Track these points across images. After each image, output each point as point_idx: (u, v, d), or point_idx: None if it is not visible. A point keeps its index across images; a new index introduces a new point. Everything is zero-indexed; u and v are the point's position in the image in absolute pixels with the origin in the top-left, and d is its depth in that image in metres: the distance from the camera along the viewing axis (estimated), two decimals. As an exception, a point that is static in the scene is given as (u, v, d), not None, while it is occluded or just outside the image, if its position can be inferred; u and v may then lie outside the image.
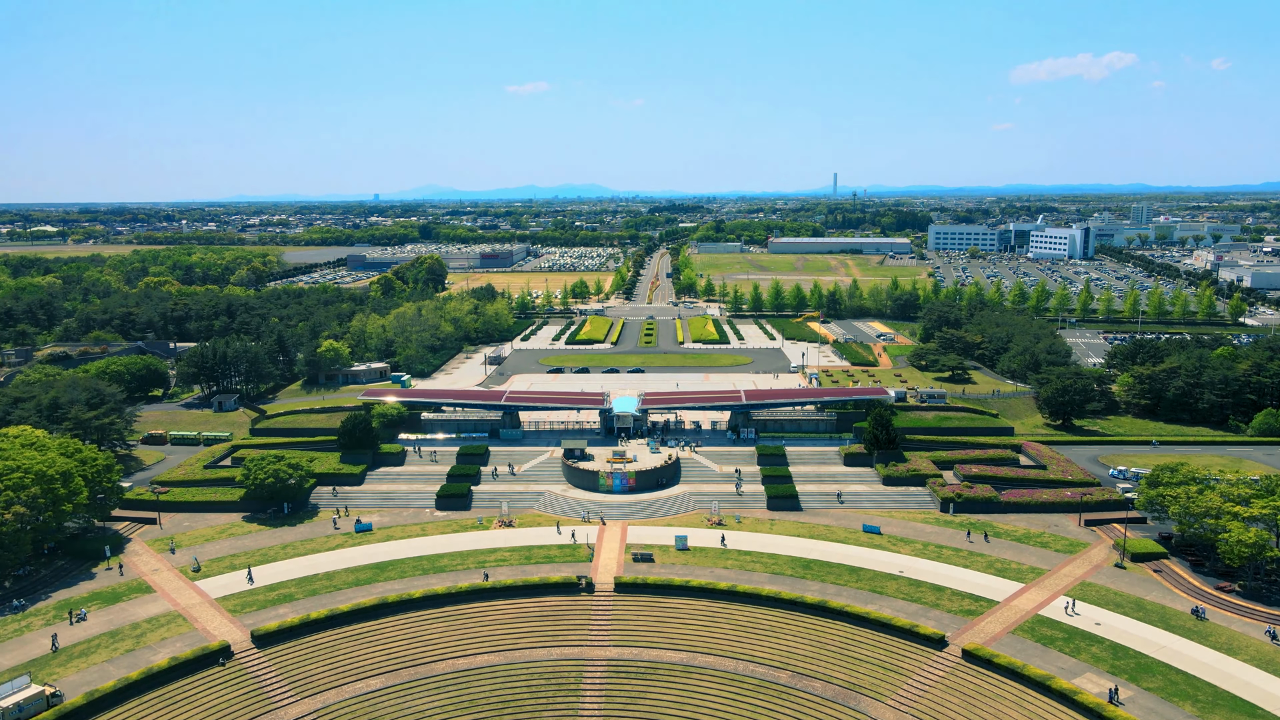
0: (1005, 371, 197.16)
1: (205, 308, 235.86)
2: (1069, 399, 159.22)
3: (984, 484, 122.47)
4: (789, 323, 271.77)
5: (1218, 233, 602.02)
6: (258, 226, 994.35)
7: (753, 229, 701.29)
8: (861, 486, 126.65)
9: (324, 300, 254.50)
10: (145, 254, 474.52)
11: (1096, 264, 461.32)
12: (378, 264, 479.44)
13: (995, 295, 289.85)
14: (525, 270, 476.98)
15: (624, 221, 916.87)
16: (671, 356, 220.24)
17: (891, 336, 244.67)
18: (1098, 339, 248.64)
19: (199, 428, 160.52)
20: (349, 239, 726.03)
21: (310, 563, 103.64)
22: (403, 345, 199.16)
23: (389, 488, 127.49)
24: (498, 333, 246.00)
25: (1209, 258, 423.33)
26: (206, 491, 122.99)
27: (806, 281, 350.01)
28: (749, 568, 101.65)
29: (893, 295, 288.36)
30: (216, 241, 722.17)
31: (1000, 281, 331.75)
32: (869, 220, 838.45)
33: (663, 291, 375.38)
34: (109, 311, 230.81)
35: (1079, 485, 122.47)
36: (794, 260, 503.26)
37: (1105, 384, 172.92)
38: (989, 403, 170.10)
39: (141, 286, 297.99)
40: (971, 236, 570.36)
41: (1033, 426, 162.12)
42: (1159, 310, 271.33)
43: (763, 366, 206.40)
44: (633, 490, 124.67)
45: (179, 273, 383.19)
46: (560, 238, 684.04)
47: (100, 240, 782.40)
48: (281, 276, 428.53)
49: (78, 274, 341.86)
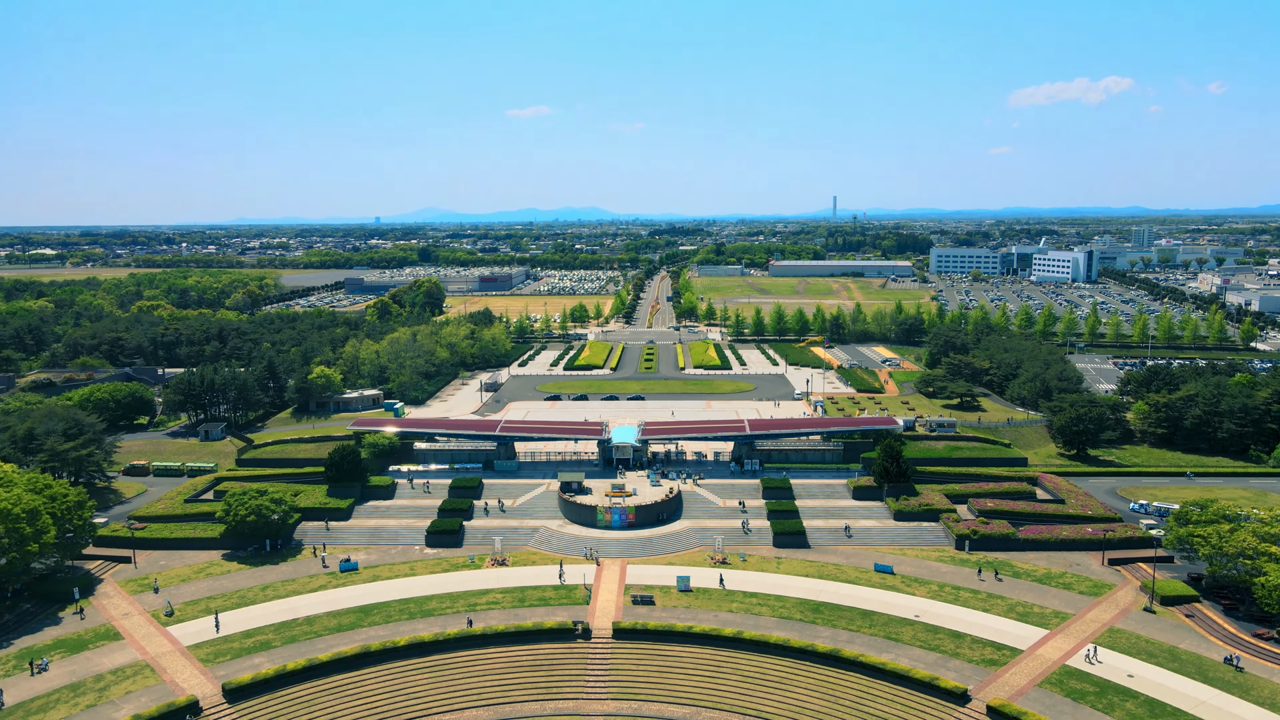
0: (1015, 398, 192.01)
1: (196, 332, 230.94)
2: (1083, 428, 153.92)
3: (1000, 519, 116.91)
4: (792, 347, 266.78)
5: (1221, 256, 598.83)
6: (257, 249, 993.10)
7: (753, 252, 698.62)
8: (872, 522, 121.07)
9: (318, 325, 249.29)
10: (141, 277, 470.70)
11: (1100, 287, 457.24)
12: (376, 287, 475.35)
13: (1001, 319, 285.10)
14: (524, 293, 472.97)
15: (624, 244, 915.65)
16: (672, 383, 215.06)
17: (897, 362, 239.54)
18: (1107, 364, 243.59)
19: (184, 458, 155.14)
20: (348, 262, 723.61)
21: (290, 606, 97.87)
22: (396, 372, 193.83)
23: (377, 523, 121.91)
24: (495, 358, 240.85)
25: (1215, 281, 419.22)
26: (185, 527, 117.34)
27: (809, 305, 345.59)
28: (755, 611, 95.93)
29: (897, 319, 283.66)
30: (215, 264, 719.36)
31: (1005, 305, 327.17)
32: (869, 243, 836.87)
33: (663, 315, 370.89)
34: (97, 337, 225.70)
35: (1100, 521, 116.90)
36: (795, 283, 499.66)
37: (1119, 412, 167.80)
38: (1000, 432, 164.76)
39: (134, 310, 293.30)
40: (973, 259, 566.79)
41: (1046, 457, 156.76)
42: (1168, 335, 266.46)
43: (766, 393, 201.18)
44: (632, 526, 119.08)
45: (174, 296, 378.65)
46: (560, 261, 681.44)
47: (99, 263, 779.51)
48: (278, 300, 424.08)
49: (70, 298, 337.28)
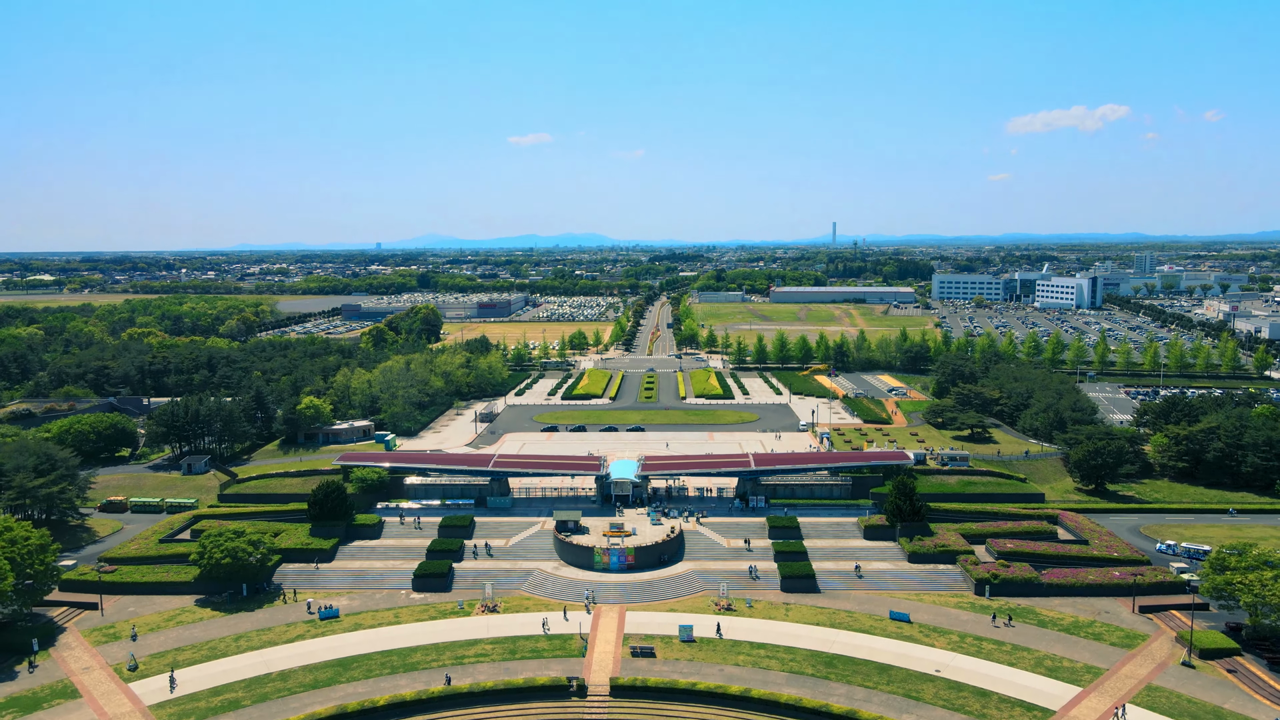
0: (1027, 429, 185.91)
1: (185, 361, 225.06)
2: (1102, 462, 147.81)
3: (1021, 562, 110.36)
4: (795, 376, 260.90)
5: (1225, 282, 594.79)
6: (257, 275, 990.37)
7: (754, 278, 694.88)
8: (885, 564, 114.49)
9: (310, 352, 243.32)
10: (136, 303, 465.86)
11: (1106, 314, 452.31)
12: (373, 313, 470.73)
13: (1008, 347, 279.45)
14: (523, 320, 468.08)
15: (624, 270, 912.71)
16: (673, 413, 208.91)
17: (904, 391, 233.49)
18: (1119, 393, 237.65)
19: (164, 493, 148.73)
20: (346, 288, 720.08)
21: (264, 659, 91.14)
22: (388, 402, 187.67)
23: (362, 565, 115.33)
24: (491, 387, 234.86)
25: (1222, 308, 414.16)
26: (158, 570, 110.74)
27: (811, 332, 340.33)
28: (763, 664, 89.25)
29: (902, 347, 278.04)
30: (212, 290, 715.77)
31: (1011, 333, 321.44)
32: (870, 269, 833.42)
33: (663, 342, 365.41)
34: (83, 365, 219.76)
35: (1127, 564, 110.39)
36: (797, 310, 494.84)
37: (1137, 444, 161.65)
38: (1014, 465, 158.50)
39: (124, 338, 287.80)
40: (976, 286, 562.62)
41: (1063, 492, 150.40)
42: (1180, 363, 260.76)
43: (770, 424, 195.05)
44: (632, 569, 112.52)
45: (167, 323, 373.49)
46: (560, 287, 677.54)
47: (96, 289, 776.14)
48: (274, 326, 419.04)
49: (61, 324, 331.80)
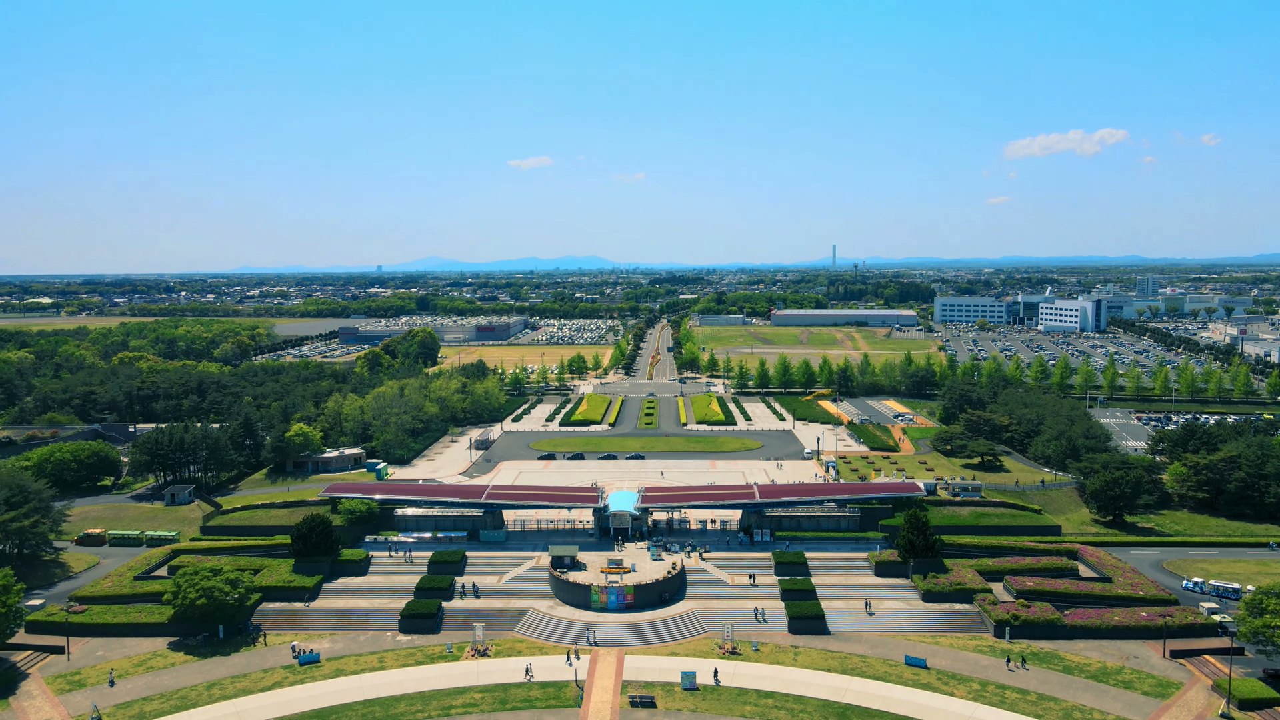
0: (1039, 457, 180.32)
1: (175, 386, 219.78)
2: (1119, 492, 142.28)
3: (1042, 601, 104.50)
4: (799, 401, 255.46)
5: (1229, 305, 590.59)
6: (257, 298, 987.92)
7: (754, 301, 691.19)
8: (898, 603, 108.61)
9: (303, 377, 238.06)
10: (131, 326, 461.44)
11: (1111, 337, 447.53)
12: (371, 336, 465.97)
13: (1015, 371, 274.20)
14: (522, 343, 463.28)
15: (624, 293, 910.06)
16: (674, 440, 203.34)
17: (910, 417, 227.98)
18: (1130, 419, 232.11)
19: (144, 525, 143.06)
20: (345, 310, 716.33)
21: (237, 709, 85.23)
22: (380, 429, 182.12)
23: (347, 604, 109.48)
24: (487, 412, 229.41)
25: (1229, 331, 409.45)
26: (131, 610, 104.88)
27: (814, 356, 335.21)
28: (771, 716, 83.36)
29: (907, 371, 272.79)
30: (211, 313, 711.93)
31: (1018, 357, 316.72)
32: (871, 292, 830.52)
33: (664, 366, 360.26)
34: (69, 390, 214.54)
35: (1154, 603, 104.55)
36: (798, 333, 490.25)
37: (1155, 474, 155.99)
38: (1028, 495, 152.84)
39: (115, 362, 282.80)
40: (979, 309, 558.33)
41: (1080, 524, 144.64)
42: (1191, 388, 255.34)
43: (773, 451, 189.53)
44: (631, 608, 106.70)
45: (161, 346, 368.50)
46: (559, 309, 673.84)
47: (94, 312, 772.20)
48: (270, 350, 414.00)
49: (53, 348, 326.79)
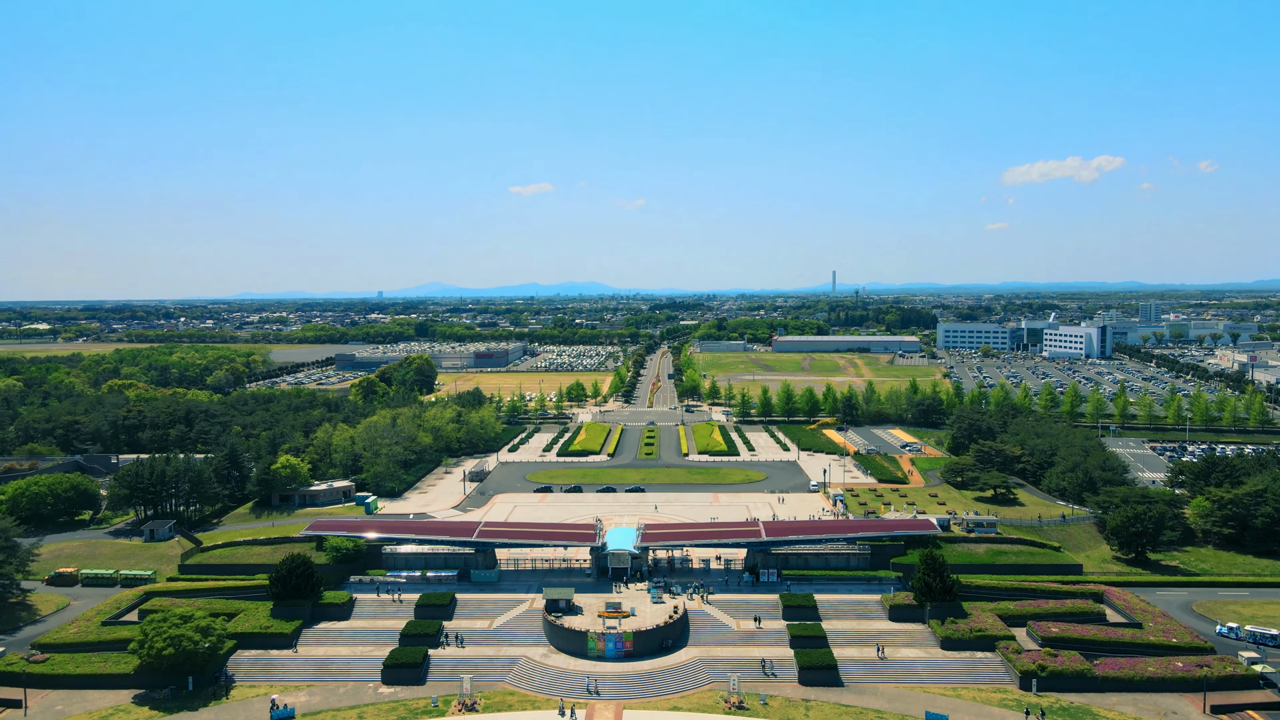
0: (1053, 489, 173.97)
1: (162, 415, 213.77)
2: (1142, 529, 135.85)
3: (1069, 649, 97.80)
4: (803, 430, 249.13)
5: (1235, 331, 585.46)
6: (256, 324, 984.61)
7: (755, 327, 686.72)
8: (915, 651, 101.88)
9: (294, 406, 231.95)
10: (125, 353, 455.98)
11: (1117, 364, 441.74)
12: (367, 363, 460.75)
13: (1024, 399, 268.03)
14: (520, 370, 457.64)
15: (624, 319, 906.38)
16: (675, 471, 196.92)
17: (918, 447, 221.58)
18: (1144, 449, 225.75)
19: (121, 562, 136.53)
20: (343, 336, 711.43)
21: (202, 773, 78.53)
22: (370, 461, 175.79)
23: (327, 652, 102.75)
24: (483, 442, 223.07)
25: (1237, 358, 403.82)
26: (95, 660, 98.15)
27: (817, 383, 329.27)
28: (783, 781, 76.54)
29: (913, 399, 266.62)
30: (208, 339, 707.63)
31: (1025, 385, 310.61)
32: (872, 318, 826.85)
33: (664, 394, 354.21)
34: (52, 420, 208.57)
35: (1189, 652, 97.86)
36: (800, 359, 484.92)
37: (1177, 508, 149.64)
38: (1045, 531, 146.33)
39: (104, 390, 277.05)
40: (982, 335, 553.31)
41: (1101, 562, 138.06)
42: (1204, 416, 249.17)
43: (778, 483, 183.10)
44: (630, 656, 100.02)
45: (153, 374, 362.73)
46: (559, 336, 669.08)
47: (91, 338, 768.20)
48: (264, 377, 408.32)
49: (42, 375, 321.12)
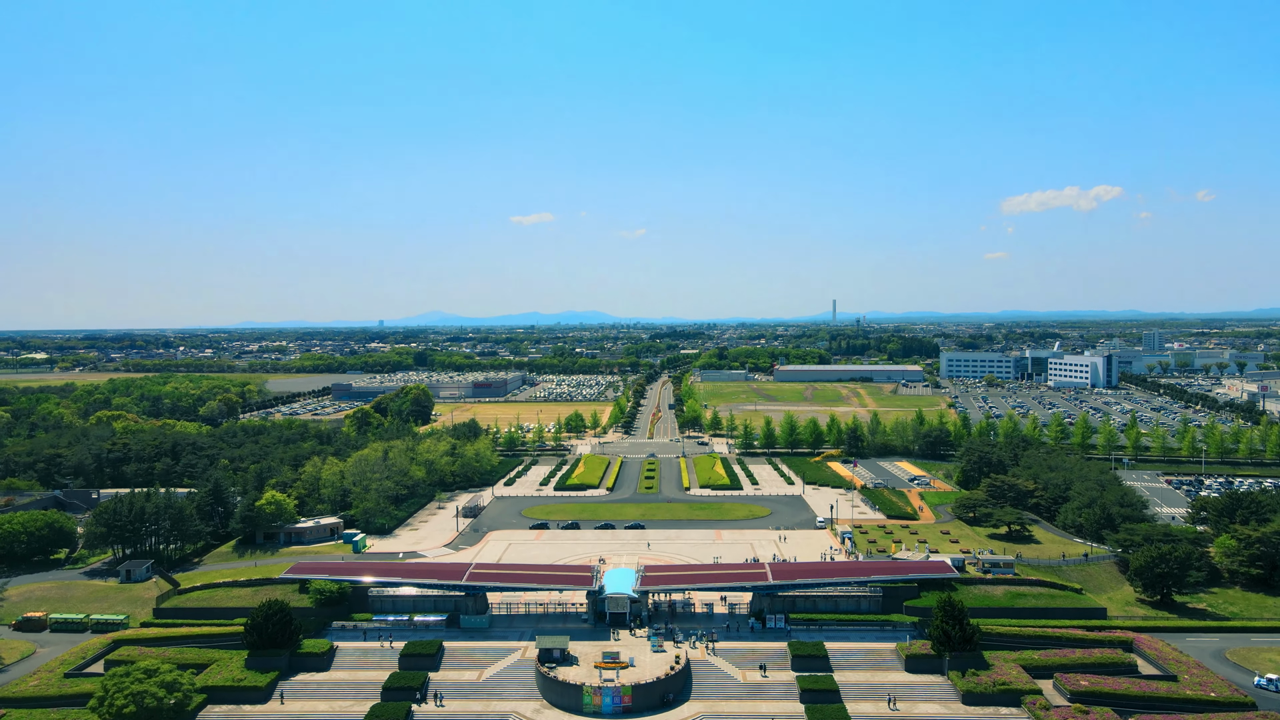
0: (1069, 526, 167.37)
1: (147, 447, 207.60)
2: (1167, 569, 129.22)
3: (1102, 706, 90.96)
4: (807, 463, 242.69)
5: (1240, 360, 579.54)
6: (255, 353, 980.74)
7: (757, 356, 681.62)
8: (935, 706, 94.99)
9: (285, 438, 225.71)
10: (119, 383, 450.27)
11: (1124, 393, 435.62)
12: (364, 393, 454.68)
13: (1033, 430, 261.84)
14: (519, 400, 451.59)
15: (625, 348, 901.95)
16: (676, 506, 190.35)
17: (927, 480, 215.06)
18: (1159, 482, 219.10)
19: (94, 605, 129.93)
20: (342, 366, 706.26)
21: None
22: (359, 496, 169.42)
23: (304, 707, 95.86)
24: (479, 475, 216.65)
25: (1246, 387, 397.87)
26: (54, 716, 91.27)
27: (820, 414, 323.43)
28: None
29: (920, 431, 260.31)
30: (205, 369, 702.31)
31: (1034, 415, 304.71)
32: (874, 347, 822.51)
33: (665, 424, 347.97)
34: (34, 453, 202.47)
35: (1229, 707, 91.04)
36: (802, 389, 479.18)
37: (1201, 546, 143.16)
38: (1064, 572, 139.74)
39: (92, 421, 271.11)
40: (986, 364, 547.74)
41: (1124, 604, 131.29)
42: (1219, 448, 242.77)
43: (783, 519, 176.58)
44: (628, 712, 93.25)
45: (145, 404, 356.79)
46: (559, 365, 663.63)
47: (88, 368, 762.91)
48: (259, 407, 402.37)
49: (31, 406, 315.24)
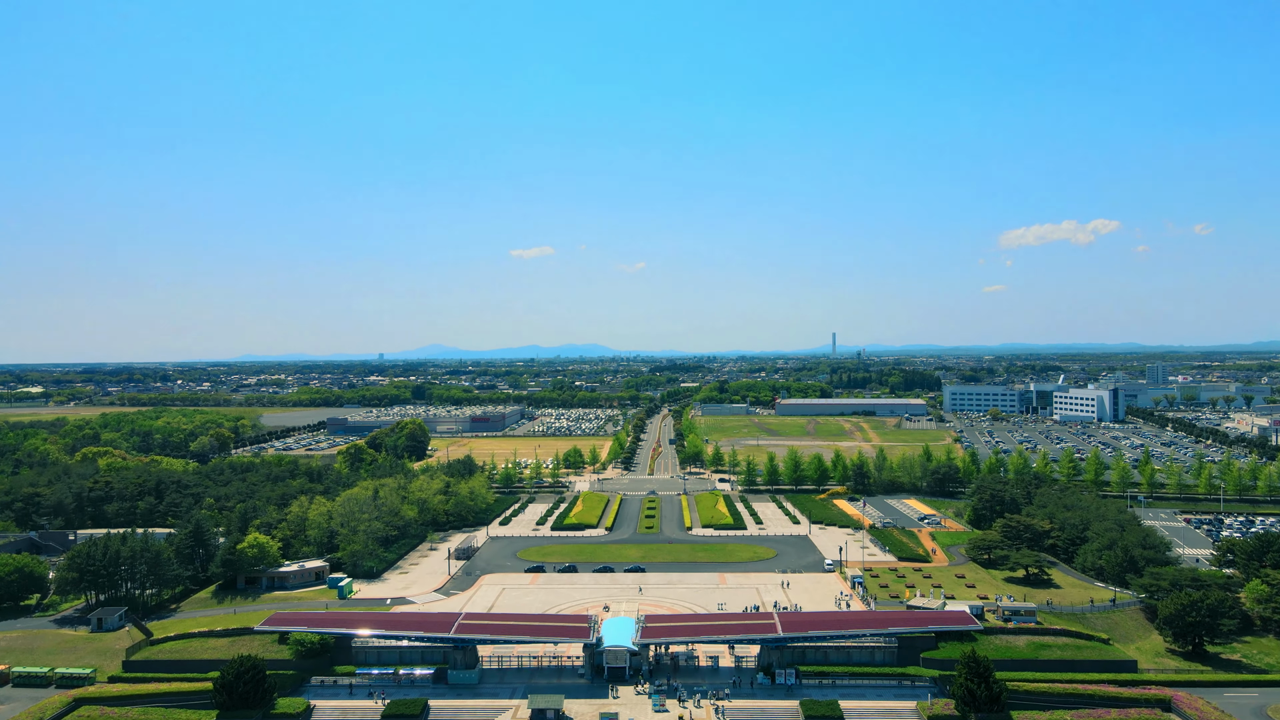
0: (1089, 569, 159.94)
1: (130, 486, 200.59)
2: (1199, 618, 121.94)
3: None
4: (813, 501, 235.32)
5: (1247, 394, 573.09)
6: (253, 386, 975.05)
7: (758, 390, 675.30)
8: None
9: (273, 475, 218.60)
10: (111, 417, 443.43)
11: (1132, 427, 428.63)
12: (360, 427, 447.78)
13: (1044, 466, 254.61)
14: (517, 434, 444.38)
15: (624, 381, 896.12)
16: (678, 548, 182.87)
17: (937, 519, 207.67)
18: (1177, 521, 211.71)
19: (62, 657, 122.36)
20: (339, 399, 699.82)
21: None
22: (347, 538, 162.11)
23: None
24: (473, 515, 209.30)
25: (1256, 421, 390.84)
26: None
27: (824, 449, 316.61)
28: None
29: (927, 468, 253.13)
30: (201, 402, 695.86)
31: (1044, 451, 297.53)
32: (875, 380, 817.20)
33: (665, 460, 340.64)
34: (12, 492, 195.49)
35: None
36: (804, 423, 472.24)
37: (1231, 591, 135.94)
38: (1089, 620, 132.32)
39: (77, 458, 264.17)
40: (990, 398, 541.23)
41: (1153, 655, 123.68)
42: (1237, 485, 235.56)
43: (789, 561, 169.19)
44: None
45: (135, 439, 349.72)
46: (558, 399, 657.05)
47: (83, 402, 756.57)
48: (252, 442, 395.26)
49: (17, 443, 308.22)
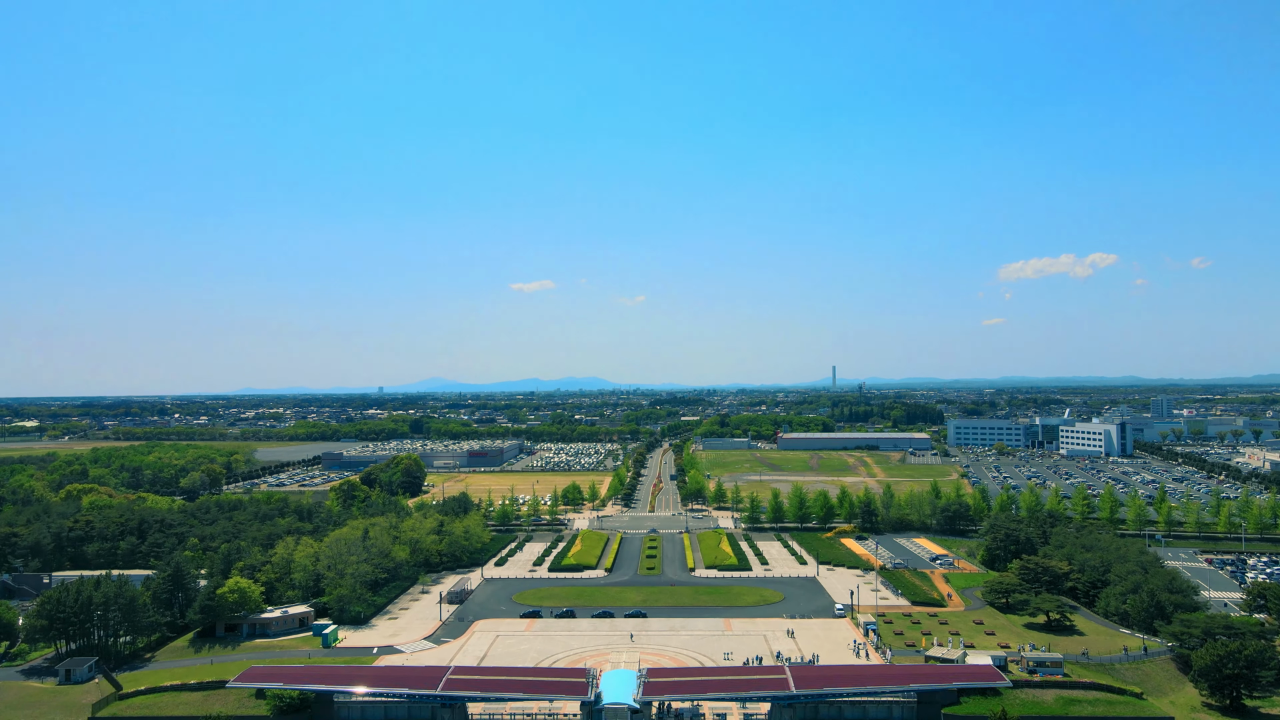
0: (1112, 614, 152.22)
1: (112, 526, 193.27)
2: (1236, 670, 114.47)
3: None
4: (819, 539, 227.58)
5: (1255, 428, 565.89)
6: (251, 419, 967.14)
7: (759, 423, 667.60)
8: None
9: (261, 514, 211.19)
10: (102, 452, 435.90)
11: (1141, 462, 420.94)
12: (355, 462, 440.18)
13: (1056, 503, 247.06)
14: (515, 470, 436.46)
15: (624, 414, 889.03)
16: (680, 591, 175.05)
17: (950, 560, 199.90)
18: (1198, 561, 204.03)
19: (25, 712, 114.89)
20: (335, 434, 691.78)
21: None
22: (334, 581, 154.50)
23: None
24: (467, 555, 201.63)
25: (1267, 456, 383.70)
26: None
27: (829, 485, 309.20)
28: None
29: (937, 505, 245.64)
30: (196, 436, 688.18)
31: (1056, 488, 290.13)
32: (877, 413, 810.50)
33: (666, 496, 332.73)
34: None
35: None
36: (807, 458, 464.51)
37: (1266, 639, 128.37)
38: (1118, 670, 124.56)
39: (61, 495, 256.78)
40: (995, 432, 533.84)
41: (1189, 709, 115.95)
42: (1257, 523, 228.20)
43: (798, 606, 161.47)
44: None
45: (125, 475, 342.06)
46: (557, 433, 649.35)
47: (77, 436, 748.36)
48: (245, 478, 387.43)
49: (2, 479, 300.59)
